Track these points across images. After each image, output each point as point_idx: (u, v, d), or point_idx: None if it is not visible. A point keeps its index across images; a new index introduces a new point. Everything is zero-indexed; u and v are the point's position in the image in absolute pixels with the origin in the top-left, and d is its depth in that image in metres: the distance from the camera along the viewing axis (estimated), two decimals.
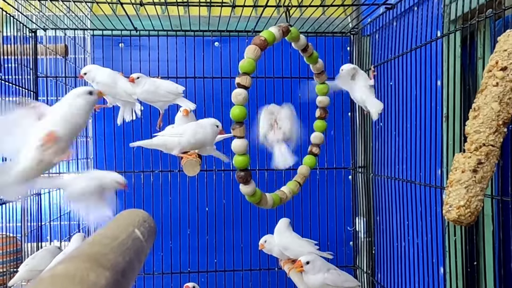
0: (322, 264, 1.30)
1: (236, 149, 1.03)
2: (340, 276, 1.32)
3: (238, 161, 1.04)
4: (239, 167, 1.04)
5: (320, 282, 1.28)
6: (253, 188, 1.07)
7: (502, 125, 0.74)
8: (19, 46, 1.52)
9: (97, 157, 1.77)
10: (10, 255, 1.52)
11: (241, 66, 1.01)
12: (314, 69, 1.32)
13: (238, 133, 1.03)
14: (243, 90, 1.01)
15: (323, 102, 1.35)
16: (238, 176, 1.05)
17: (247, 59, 1.02)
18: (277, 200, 1.17)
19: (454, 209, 0.74)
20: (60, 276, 0.25)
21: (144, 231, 0.42)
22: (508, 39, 0.75)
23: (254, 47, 1.02)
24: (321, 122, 1.36)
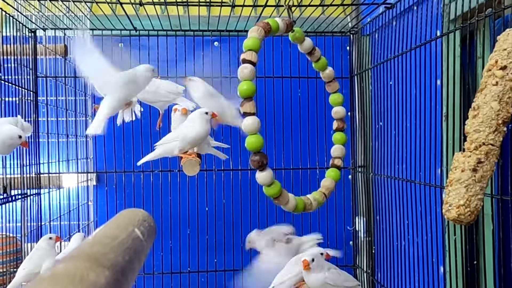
0: (325, 263, 1.30)
1: (247, 127, 0.93)
2: (340, 275, 1.31)
3: (251, 142, 0.93)
4: (252, 148, 0.93)
5: (322, 281, 1.27)
6: (270, 176, 0.96)
7: (502, 124, 0.74)
8: (18, 46, 1.52)
9: (97, 157, 1.77)
10: (10, 255, 1.52)
11: (246, 44, 0.96)
12: (324, 77, 1.27)
13: (248, 108, 0.93)
14: (249, 64, 0.96)
15: (339, 113, 1.29)
16: (253, 160, 0.94)
17: (251, 38, 0.97)
18: (301, 204, 1.06)
19: (454, 208, 0.74)
20: (60, 276, 0.25)
21: (144, 230, 0.42)
22: (507, 38, 0.75)
23: (257, 27, 0.99)
24: (340, 134, 1.29)
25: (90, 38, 1.25)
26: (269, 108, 1.69)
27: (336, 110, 1.29)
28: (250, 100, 0.93)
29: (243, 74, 0.95)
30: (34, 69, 1.61)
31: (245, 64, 0.95)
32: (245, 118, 0.95)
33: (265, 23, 1.00)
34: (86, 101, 1.79)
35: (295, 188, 1.75)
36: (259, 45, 0.96)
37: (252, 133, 0.94)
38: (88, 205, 1.80)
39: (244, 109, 0.94)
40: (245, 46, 0.96)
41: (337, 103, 1.29)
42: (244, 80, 0.94)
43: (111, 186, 1.74)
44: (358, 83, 1.78)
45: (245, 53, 0.96)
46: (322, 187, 1.24)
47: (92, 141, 1.78)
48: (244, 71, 0.94)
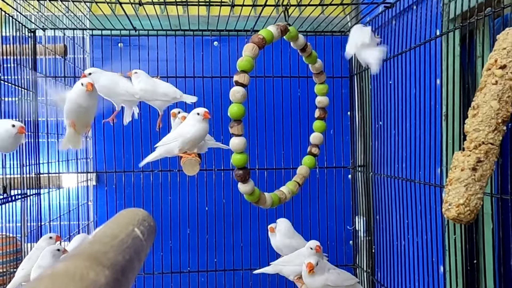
0: (325, 265, 1.31)
1: (234, 147, 1.03)
2: (340, 275, 1.32)
3: (236, 159, 1.04)
4: (238, 165, 1.04)
5: (322, 283, 1.28)
6: (251, 187, 1.07)
7: (501, 123, 0.74)
8: (18, 46, 1.52)
9: (97, 157, 1.77)
10: (10, 255, 1.52)
11: (239, 64, 1.01)
12: (313, 69, 1.32)
13: (236, 131, 1.02)
14: (241, 88, 1.01)
15: (322, 103, 1.34)
16: (236, 174, 1.05)
17: (245, 57, 1.01)
18: (276, 200, 1.17)
19: (454, 207, 0.74)
20: (60, 275, 0.25)
21: (144, 230, 0.42)
22: (507, 37, 0.75)
23: (252, 45, 1.02)
24: (320, 122, 1.35)
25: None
26: (269, 107, 1.69)
27: (320, 100, 1.34)
28: (240, 122, 1.02)
29: (235, 97, 1.01)
30: (33, 69, 1.61)
31: (237, 88, 1.01)
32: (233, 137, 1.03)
33: (260, 39, 1.02)
34: None
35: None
36: (253, 65, 1.03)
37: (239, 152, 1.03)
38: (88, 205, 1.80)
39: (233, 131, 1.02)
40: (239, 66, 1.01)
41: (322, 93, 1.33)
42: (235, 103, 1.00)
43: (111, 186, 1.74)
44: (358, 82, 1.78)
45: (237, 75, 1.00)
46: (298, 175, 1.29)
47: (92, 141, 1.78)
48: (236, 95, 1.01)
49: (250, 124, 1.72)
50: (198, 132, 1.26)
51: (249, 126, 1.72)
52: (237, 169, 1.05)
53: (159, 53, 1.67)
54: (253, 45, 1.02)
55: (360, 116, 1.77)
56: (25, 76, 1.56)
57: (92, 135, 1.77)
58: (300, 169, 1.31)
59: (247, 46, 1.02)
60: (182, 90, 1.64)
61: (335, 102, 1.78)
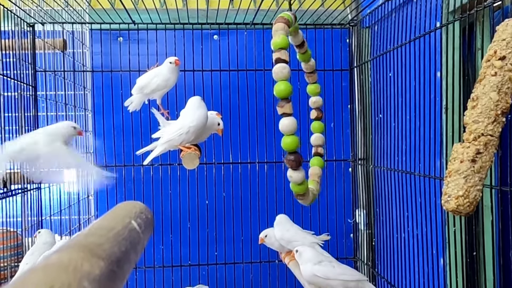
0: (313, 255, 1.29)
1: (285, 128, 0.94)
2: (335, 268, 1.29)
3: (287, 142, 0.95)
4: (289, 149, 0.95)
5: (309, 272, 1.27)
6: (303, 175, 0.99)
7: (501, 115, 0.74)
8: (17, 40, 1.52)
9: (97, 151, 1.77)
10: (10, 250, 1.52)
11: (276, 43, 0.94)
12: (306, 68, 1.30)
13: (287, 109, 0.94)
14: (286, 65, 0.95)
15: (317, 103, 1.32)
16: (288, 159, 0.96)
17: (280, 35, 0.96)
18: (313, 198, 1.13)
19: (453, 199, 0.74)
20: (54, 266, 0.25)
21: (141, 222, 0.42)
22: (506, 28, 0.74)
23: (282, 24, 0.97)
24: (318, 123, 1.33)
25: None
26: (269, 101, 1.69)
27: (315, 100, 1.32)
28: (289, 101, 0.93)
29: (282, 74, 0.93)
30: (33, 64, 1.61)
31: (283, 64, 0.93)
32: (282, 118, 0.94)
33: (285, 19, 0.98)
34: (85, 95, 1.78)
35: None
36: (288, 42, 0.95)
37: (289, 134, 0.94)
38: (89, 199, 1.80)
39: (283, 110, 0.94)
40: (276, 44, 0.94)
41: (315, 93, 1.32)
42: (281, 81, 0.93)
43: (111, 180, 1.74)
44: (358, 75, 1.77)
45: (279, 52, 0.94)
46: (314, 175, 1.27)
47: (92, 135, 1.78)
48: (283, 72, 0.93)
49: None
50: (201, 119, 1.27)
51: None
52: (289, 154, 0.96)
53: (159, 47, 1.66)
54: (284, 24, 0.98)
55: (360, 109, 1.77)
56: (24, 70, 1.56)
57: (92, 129, 1.77)
58: (314, 170, 1.29)
59: (278, 25, 0.97)
60: (182, 84, 1.64)
61: (335, 95, 1.78)
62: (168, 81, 1.39)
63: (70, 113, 1.71)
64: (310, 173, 1.28)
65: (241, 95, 1.68)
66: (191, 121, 1.26)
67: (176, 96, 1.62)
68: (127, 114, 1.56)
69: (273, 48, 0.95)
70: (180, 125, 1.28)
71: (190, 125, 1.26)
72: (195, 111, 1.28)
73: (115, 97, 1.65)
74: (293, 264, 1.41)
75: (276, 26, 0.97)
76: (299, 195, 1.05)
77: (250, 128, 1.70)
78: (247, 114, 1.69)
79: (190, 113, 1.28)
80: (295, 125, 0.95)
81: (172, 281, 1.71)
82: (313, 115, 1.34)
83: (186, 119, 1.28)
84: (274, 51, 0.95)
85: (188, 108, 1.31)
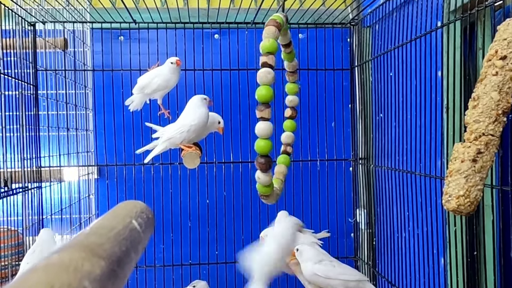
0: (314, 254, 1.29)
1: (260, 132, 0.96)
2: (336, 268, 1.29)
3: (260, 146, 0.96)
4: (261, 152, 0.96)
5: (310, 271, 1.27)
6: (270, 178, 1.00)
7: (502, 115, 0.74)
8: (18, 39, 1.52)
9: (98, 150, 1.77)
10: (11, 249, 1.53)
11: (265, 46, 0.94)
12: (289, 67, 1.31)
13: (265, 114, 0.95)
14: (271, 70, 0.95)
15: (293, 102, 1.33)
16: (259, 162, 0.97)
17: (270, 39, 0.96)
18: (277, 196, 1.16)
19: (454, 199, 0.74)
20: (54, 265, 0.25)
21: (142, 222, 0.42)
22: (507, 28, 0.74)
23: (273, 28, 0.97)
24: (290, 122, 1.34)
25: None
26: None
27: (291, 99, 1.33)
28: (268, 107, 0.94)
29: (266, 79, 0.94)
30: (34, 63, 1.61)
31: (267, 69, 0.93)
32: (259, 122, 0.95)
33: (277, 22, 0.98)
34: (86, 94, 1.78)
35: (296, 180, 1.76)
36: (277, 46, 0.96)
37: (264, 138, 0.94)
38: (90, 198, 1.80)
39: (262, 114, 0.95)
40: (264, 48, 0.94)
41: (293, 92, 1.33)
42: (264, 85, 0.93)
43: (112, 179, 1.74)
44: (359, 74, 1.77)
45: (265, 56, 0.94)
46: (279, 173, 1.28)
47: (93, 134, 1.78)
48: (268, 77, 0.93)
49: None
50: (201, 118, 1.27)
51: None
52: (260, 157, 0.97)
53: (160, 46, 1.66)
54: (275, 28, 0.98)
55: (361, 108, 1.77)
56: (26, 69, 1.56)
57: (93, 128, 1.78)
58: (280, 168, 1.30)
59: (269, 29, 0.97)
60: (183, 82, 1.64)
61: (336, 94, 1.77)
62: (169, 82, 1.40)
63: (71, 112, 1.71)
64: (276, 171, 1.29)
65: (242, 94, 1.68)
66: (192, 119, 1.27)
67: (176, 95, 1.62)
68: (128, 113, 1.56)
69: (261, 51, 0.96)
70: (181, 124, 1.29)
71: (192, 123, 1.27)
72: (196, 110, 1.29)
73: (116, 96, 1.65)
74: (293, 263, 1.41)
75: (268, 29, 0.97)
76: (264, 196, 1.07)
77: (251, 127, 1.70)
78: (248, 113, 1.69)
79: (191, 112, 1.29)
80: (271, 130, 0.97)
81: (173, 280, 1.71)
82: (288, 114, 1.34)
83: (187, 118, 1.29)
84: (262, 55, 0.95)
85: (189, 107, 1.31)
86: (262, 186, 1.03)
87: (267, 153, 0.98)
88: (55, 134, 1.68)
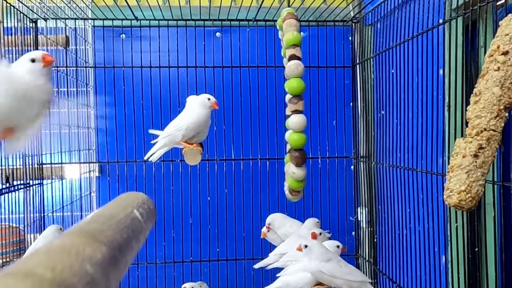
0: (322, 253, 1.29)
1: (294, 125, 0.94)
2: (342, 268, 1.29)
3: (295, 139, 0.95)
4: (296, 146, 0.95)
5: (316, 268, 1.27)
6: (305, 172, 0.99)
7: (504, 110, 0.74)
8: (19, 36, 1.52)
9: (99, 147, 1.77)
10: (13, 245, 1.53)
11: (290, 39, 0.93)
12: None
13: (299, 107, 0.94)
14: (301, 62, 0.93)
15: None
16: (294, 156, 0.95)
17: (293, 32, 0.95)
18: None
19: (455, 194, 0.74)
20: (56, 249, 0.25)
21: (143, 212, 0.42)
22: (510, 23, 0.74)
23: (294, 20, 0.97)
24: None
25: None
26: (271, 98, 1.69)
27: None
28: (301, 98, 0.93)
29: (297, 71, 0.93)
30: None
31: (297, 61, 0.92)
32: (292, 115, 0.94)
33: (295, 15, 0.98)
34: (87, 91, 1.79)
35: None
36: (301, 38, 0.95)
37: (298, 131, 0.93)
38: (91, 195, 1.81)
39: (296, 107, 0.94)
40: (289, 41, 0.93)
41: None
42: (294, 77, 0.92)
43: (114, 177, 1.74)
44: (360, 72, 1.77)
45: (293, 48, 0.93)
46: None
47: (94, 132, 1.78)
48: (299, 68, 0.92)
49: (252, 116, 1.72)
50: (201, 119, 1.27)
51: (251, 119, 1.72)
52: (294, 150, 0.95)
53: (161, 44, 1.66)
54: (295, 21, 0.97)
55: (362, 106, 1.77)
56: None
57: (94, 126, 1.78)
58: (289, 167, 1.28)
59: (290, 22, 0.96)
60: (185, 80, 1.64)
61: (337, 92, 1.77)
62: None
63: (73, 109, 1.71)
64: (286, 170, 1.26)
65: (243, 91, 1.69)
66: (190, 118, 1.27)
67: (178, 93, 1.62)
68: (129, 111, 1.56)
69: (285, 45, 0.94)
70: (178, 122, 1.29)
71: (189, 121, 1.27)
72: (195, 109, 1.28)
73: (117, 94, 1.66)
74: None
75: (289, 22, 0.96)
76: (295, 191, 1.04)
77: (252, 124, 1.70)
78: (249, 111, 1.69)
79: (189, 111, 1.29)
80: (305, 123, 0.94)
81: (174, 277, 1.71)
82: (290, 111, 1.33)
83: (186, 116, 1.29)
84: (287, 48, 0.94)
85: (190, 105, 1.31)
86: (295, 181, 1.01)
87: (301, 147, 0.96)
88: (57, 132, 1.68)
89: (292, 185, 1.00)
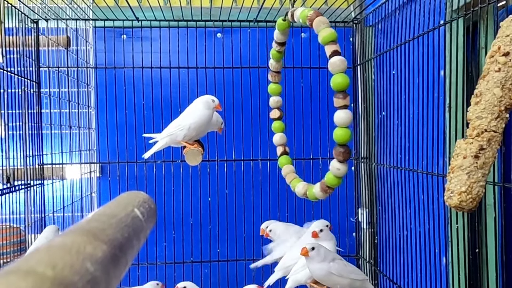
0: (326, 252, 1.29)
1: (341, 121, 0.93)
2: (347, 266, 1.29)
3: (340, 134, 0.93)
4: (340, 141, 0.93)
5: (325, 270, 1.26)
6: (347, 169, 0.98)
7: (504, 111, 0.74)
8: (21, 37, 1.52)
9: (100, 148, 1.77)
10: (13, 246, 1.53)
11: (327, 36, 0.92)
12: (275, 67, 1.29)
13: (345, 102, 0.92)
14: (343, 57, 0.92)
15: (278, 102, 1.32)
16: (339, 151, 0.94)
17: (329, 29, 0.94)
18: None
19: (456, 195, 0.74)
20: (57, 248, 0.25)
21: (144, 211, 0.42)
22: (510, 24, 0.74)
23: (323, 18, 0.96)
24: (279, 123, 1.33)
25: None
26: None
27: (277, 100, 1.32)
28: (347, 95, 0.92)
29: (343, 66, 0.92)
30: (36, 60, 1.61)
31: (340, 57, 0.91)
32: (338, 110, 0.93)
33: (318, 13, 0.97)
34: (88, 92, 1.79)
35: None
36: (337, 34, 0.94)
37: (343, 126, 0.92)
38: (92, 196, 1.81)
39: (344, 102, 0.92)
40: (326, 39, 0.92)
41: (277, 93, 1.32)
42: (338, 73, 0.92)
43: (115, 177, 1.74)
44: (361, 73, 1.77)
45: (334, 45, 0.92)
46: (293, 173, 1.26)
47: (95, 132, 1.79)
48: (345, 63, 0.92)
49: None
50: (203, 119, 1.27)
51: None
52: (338, 146, 0.94)
53: (162, 44, 1.67)
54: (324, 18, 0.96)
55: (363, 107, 1.77)
56: (28, 67, 1.56)
57: (95, 126, 1.78)
58: (290, 168, 1.28)
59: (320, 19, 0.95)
60: (185, 81, 1.65)
61: None
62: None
63: (74, 110, 1.71)
64: (286, 172, 1.26)
65: (244, 92, 1.69)
66: (192, 118, 1.27)
67: (179, 94, 1.62)
68: (130, 111, 1.56)
69: (322, 43, 0.93)
70: (181, 121, 1.29)
71: (191, 121, 1.27)
72: (198, 110, 1.28)
73: (118, 94, 1.66)
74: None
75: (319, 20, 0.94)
76: (330, 189, 1.03)
77: (253, 125, 1.70)
78: (250, 111, 1.69)
79: (192, 111, 1.29)
80: (351, 118, 0.93)
81: (174, 278, 1.71)
82: (275, 115, 1.32)
83: (189, 116, 1.29)
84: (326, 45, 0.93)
85: (194, 105, 1.31)
86: (334, 178, 0.99)
87: (346, 142, 0.94)
88: (58, 132, 1.68)
89: (331, 181, 0.98)
